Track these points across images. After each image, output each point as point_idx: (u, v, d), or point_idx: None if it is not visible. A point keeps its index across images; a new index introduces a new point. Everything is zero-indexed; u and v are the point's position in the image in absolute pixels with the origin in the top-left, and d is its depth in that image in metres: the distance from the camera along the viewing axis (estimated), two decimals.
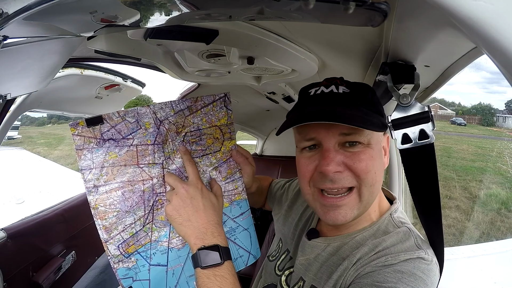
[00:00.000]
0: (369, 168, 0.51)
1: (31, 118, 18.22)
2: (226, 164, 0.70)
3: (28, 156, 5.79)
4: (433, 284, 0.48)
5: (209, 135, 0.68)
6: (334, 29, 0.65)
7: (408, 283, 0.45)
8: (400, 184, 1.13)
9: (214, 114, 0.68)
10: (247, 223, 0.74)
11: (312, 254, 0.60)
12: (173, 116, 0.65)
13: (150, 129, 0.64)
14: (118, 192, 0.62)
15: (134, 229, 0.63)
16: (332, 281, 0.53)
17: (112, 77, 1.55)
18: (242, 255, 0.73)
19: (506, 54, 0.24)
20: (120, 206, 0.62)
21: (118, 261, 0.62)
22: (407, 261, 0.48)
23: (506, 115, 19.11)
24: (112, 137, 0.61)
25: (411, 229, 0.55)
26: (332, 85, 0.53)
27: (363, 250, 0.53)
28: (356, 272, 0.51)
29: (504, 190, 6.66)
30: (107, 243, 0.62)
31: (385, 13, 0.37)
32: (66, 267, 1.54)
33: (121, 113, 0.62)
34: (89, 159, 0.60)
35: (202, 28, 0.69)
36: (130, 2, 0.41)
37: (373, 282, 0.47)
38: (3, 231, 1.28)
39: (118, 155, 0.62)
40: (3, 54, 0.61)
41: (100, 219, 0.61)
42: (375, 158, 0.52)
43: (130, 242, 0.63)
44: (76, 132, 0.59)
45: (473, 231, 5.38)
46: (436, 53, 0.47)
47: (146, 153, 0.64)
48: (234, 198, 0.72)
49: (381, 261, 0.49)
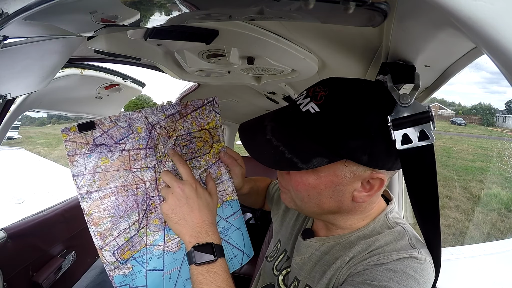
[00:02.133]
0: (299, 189, 0.54)
1: (31, 118, 18.23)
2: (216, 166, 0.72)
3: (28, 156, 5.79)
4: (427, 284, 0.47)
5: (199, 138, 0.69)
6: (334, 29, 0.65)
7: (400, 282, 0.45)
8: (400, 184, 1.13)
9: (203, 118, 0.70)
10: (239, 223, 0.75)
11: (307, 253, 0.61)
12: (164, 121, 0.66)
13: (142, 134, 0.64)
14: (111, 197, 0.62)
15: (129, 234, 0.63)
16: (325, 280, 0.53)
17: (112, 77, 1.56)
18: (236, 255, 0.74)
19: (506, 54, 0.24)
20: (114, 211, 0.62)
21: (114, 268, 0.62)
22: (399, 260, 0.48)
23: (506, 115, 19.11)
24: (104, 142, 0.61)
25: (406, 228, 0.55)
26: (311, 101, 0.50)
27: (356, 249, 0.53)
28: (349, 270, 0.51)
29: (504, 190, 6.66)
30: (102, 250, 0.61)
31: (385, 13, 0.37)
32: (66, 267, 1.54)
33: (113, 118, 0.62)
34: (81, 165, 0.60)
35: (202, 28, 0.69)
36: (130, 2, 0.41)
37: (364, 280, 0.47)
38: (3, 231, 1.28)
39: (111, 160, 0.62)
40: (3, 54, 0.61)
41: (94, 225, 0.61)
42: (312, 186, 0.52)
43: (126, 248, 0.63)
44: (68, 138, 0.59)
45: (473, 231, 5.39)
46: (436, 53, 0.47)
47: (138, 158, 0.64)
48: (225, 199, 0.73)
49: (373, 260, 0.49)
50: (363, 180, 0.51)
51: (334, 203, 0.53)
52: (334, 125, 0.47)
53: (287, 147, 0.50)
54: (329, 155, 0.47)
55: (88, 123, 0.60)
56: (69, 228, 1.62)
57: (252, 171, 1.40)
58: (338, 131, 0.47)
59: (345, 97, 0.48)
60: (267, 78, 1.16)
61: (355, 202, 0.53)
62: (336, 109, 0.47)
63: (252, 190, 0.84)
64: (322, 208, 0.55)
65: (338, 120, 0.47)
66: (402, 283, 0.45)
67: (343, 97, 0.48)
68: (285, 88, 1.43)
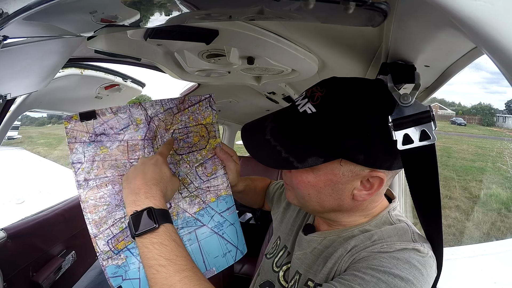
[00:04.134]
0: (300, 187, 0.55)
1: (31, 118, 18.22)
2: (211, 161, 0.73)
3: (28, 156, 5.80)
4: (429, 276, 0.47)
5: (195, 133, 0.71)
6: (334, 29, 0.65)
7: (403, 270, 0.45)
8: (400, 184, 1.13)
9: (200, 113, 0.72)
10: (233, 218, 0.76)
11: (309, 248, 0.61)
12: (163, 114, 0.68)
13: (141, 125, 0.66)
14: (108, 186, 0.63)
15: (124, 224, 0.64)
16: (326, 269, 0.54)
17: (112, 77, 1.56)
18: (230, 250, 0.74)
19: (506, 54, 0.24)
20: (110, 200, 0.63)
21: (107, 258, 0.63)
22: (403, 250, 0.48)
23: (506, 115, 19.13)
24: (104, 132, 0.63)
25: (409, 225, 0.55)
26: (308, 102, 0.51)
27: (358, 238, 0.53)
28: (351, 257, 0.51)
29: (504, 190, 6.66)
30: (96, 238, 0.62)
31: (385, 13, 0.37)
32: (66, 267, 1.54)
33: (114, 109, 0.64)
34: (80, 153, 0.62)
35: (202, 28, 0.70)
36: (130, 2, 0.41)
37: (368, 265, 0.47)
38: (3, 231, 1.28)
39: (109, 149, 0.64)
40: (3, 54, 0.61)
41: (89, 212, 0.62)
42: (312, 184, 0.53)
43: (120, 238, 0.64)
44: (69, 126, 0.61)
45: (473, 231, 5.38)
46: (436, 53, 0.47)
47: (136, 148, 0.66)
48: (220, 193, 0.74)
49: (376, 247, 0.49)
50: (363, 178, 0.51)
51: (334, 201, 0.54)
52: (329, 125, 0.48)
53: (284, 147, 0.51)
54: (324, 154, 0.48)
55: (89, 113, 0.63)
56: (69, 228, 1.62)
57: (252, 171, 1.41)
58: (333, 130, 0.47)
59: (341, 97, 0.49)
60: (267, 78, 1.16)
61: (355, 201, 0.53)
62: (331, 109, 0.48)
63: (248, 188, 0.85)
64: (323, 206, 0.55)
65: (333, 120, 0.47)
66: (405, 271, 0.45)
67: (339, 97, 0.49)
68: (285, 88, 1.43)
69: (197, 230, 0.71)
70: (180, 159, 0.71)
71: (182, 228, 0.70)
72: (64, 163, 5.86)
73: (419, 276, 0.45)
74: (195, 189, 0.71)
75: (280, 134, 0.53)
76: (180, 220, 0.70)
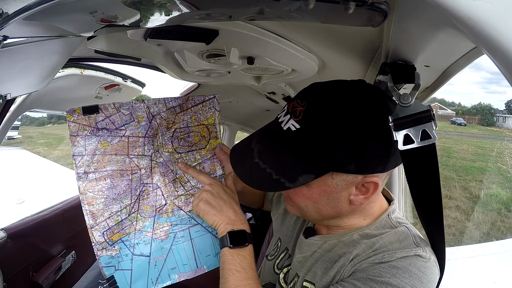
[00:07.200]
0: (297, 201, 0.56)
1: (31, 118, 18.22)
2: (210, 161, 0.74)
3: (28, 156, 5.80)
4: (430, 282, 0.48)
5: (196, 133, 0.72)
6: (334, 29, 0.65)
7: (402, 278, 0.45)
8: (400, 184, 1.13)
9: (203, 114, 0.72)
10: None
11: (309, 251, 0.62)
12: (165, 112, 0.69)
13: (142, 122, 0.67)
14: (107, 179, 0.64)
15: (120, 217, 0.65)
16: (329, 277, 0.54)
17: (112, 77, 1.55)
18: None
19: (506, 54, 0.24)
20: (108, 193, 0.64)
21: (102, 248, 0.64)
22: (404, 258, 0.48)
23: (506, 115, 19.12)
24: (106, 126, 0.64)
25: (410, 228, 0.55)
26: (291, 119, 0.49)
27: (360, 247, 0.53)
28: (353, 268, 0.52)
29: (504, 190, 6.66)
30: (92, 229, 0.64)
31: (385, 13, 0.37)
32: (66, 267, 1.54)
33: (117, 105, 0.65)
34: (81, 146, 0.63)
35: (202, 28, 0.70)
36: (130, 2, 0.41)
37: (367, 276, 0.48)
38: (3, 231, 1.28)
39: (110, 144, 0.65)
40: (3, 54, 0.61)
41: (87, 204, 0.63)
42: (307, 197, 0.54)
43: (115, 230, 0.65)
44: (72, 118, 0.63)
45: (473, 231, 5.39)
46: (436, 53, 0.47)
47: (136, 145, 0.67)
48: None
49: (377, 258, 0.50)
50: (357, 184, 0.51)
51: (332, 209, 0.54)
52: (314, 140, 0.47)
53: (273, 169, 0.51)
54: (314, 170, 0.48)
55: (92, 107, 0.64)
56: (69, 228, 1.62)
57: None
58: (320, 145, 0.47)
59: (323, 110, 0.48)
60: (267, 78, 1.16)
61: (353, 205, 0.54)
62: (315, 124, 0.47)
63: (246, 189, 0.84)
64: (322, 215, 0.56)
65: (318, 135, 0.47)
66: (404, 280, 0.45)
67: (321, 110, 0.48)
68: (285, 88, 1.43)
69: (190, 228, 0.71)
70: (178, 158, 0.71)
71: (176, 225, 0.70)
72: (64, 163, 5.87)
73: (418, 284, 0.46)
74: (191, 188, 0.72)
75: (268, 156, 0.53)
76: (174, 217, 0.70)
